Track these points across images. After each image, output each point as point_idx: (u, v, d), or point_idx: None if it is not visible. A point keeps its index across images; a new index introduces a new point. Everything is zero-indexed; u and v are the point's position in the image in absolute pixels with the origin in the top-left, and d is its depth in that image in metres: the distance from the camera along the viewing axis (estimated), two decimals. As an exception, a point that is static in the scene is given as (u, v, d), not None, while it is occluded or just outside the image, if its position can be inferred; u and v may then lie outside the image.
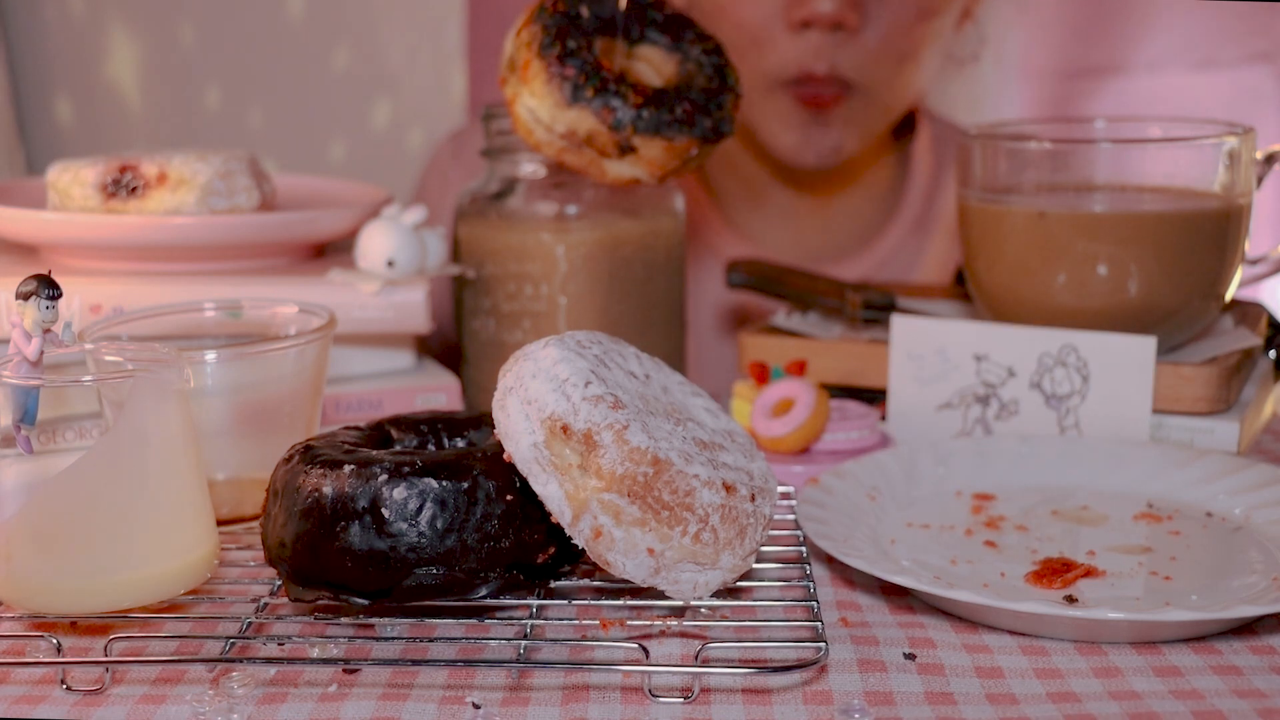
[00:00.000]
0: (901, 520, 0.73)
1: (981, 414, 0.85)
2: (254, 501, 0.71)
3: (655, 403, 0.62)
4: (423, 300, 0.86)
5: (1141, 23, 1.50)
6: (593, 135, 0.80)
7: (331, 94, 1.52)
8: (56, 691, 0.56)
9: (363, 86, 1.52)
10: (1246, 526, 0.71)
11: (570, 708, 0.55)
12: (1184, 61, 1.49)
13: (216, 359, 0.69)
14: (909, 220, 1.24)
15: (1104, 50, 1.50)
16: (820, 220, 1.25)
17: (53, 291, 0.58)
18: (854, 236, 1.25)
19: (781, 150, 1.13)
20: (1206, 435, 0.82)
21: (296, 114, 1.52)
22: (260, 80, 1.50)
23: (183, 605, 0.63)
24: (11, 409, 0.59)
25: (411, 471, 0.59)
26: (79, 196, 0.85)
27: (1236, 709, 0.54)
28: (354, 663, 0.56)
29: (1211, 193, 0.83)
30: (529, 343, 0.66)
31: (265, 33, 1.49)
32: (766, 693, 0.56)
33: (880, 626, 0.62)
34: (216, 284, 0.84)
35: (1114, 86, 1.51)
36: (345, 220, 0.89)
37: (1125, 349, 0.80)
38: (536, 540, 0.61)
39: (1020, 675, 0.57)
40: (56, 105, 1.46)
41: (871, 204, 1.26)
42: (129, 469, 0.59)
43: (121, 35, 1.46)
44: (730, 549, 0.58)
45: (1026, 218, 0.84)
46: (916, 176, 1.24)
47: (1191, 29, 1.49)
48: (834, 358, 0.92)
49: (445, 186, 1.27)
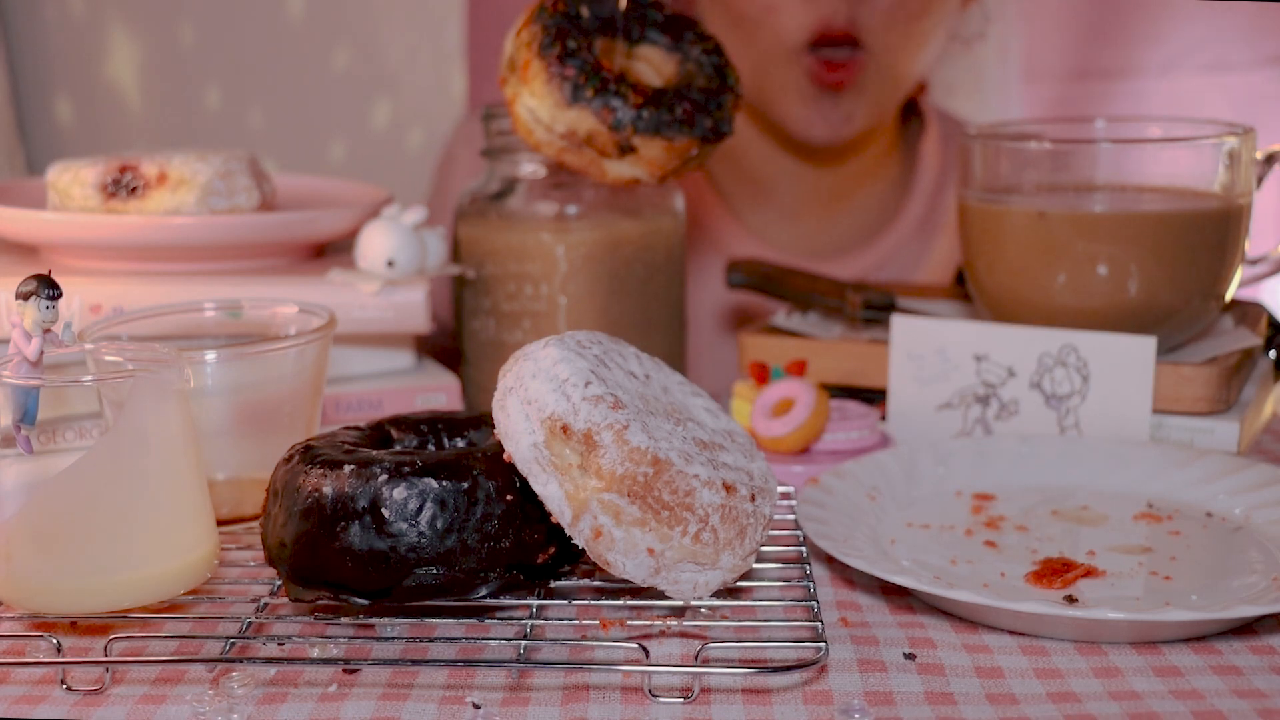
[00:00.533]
0: (901, 520, 0.73)
1: (981, 414, 0.85)
2: (254, 501, 0.71)
3: (655, 403, 0.62)
4: (423, 300, 0.86)
5: (1152, 25, 1.50)
6: (593, 135, 0.80)
7: (331, 94, 1.52)
8: (56, 691, 0.56)
9: (363, 86, 1.52)
10: (1246, 526, 0.71)
11: (570, 708, 0.55)
12: (1194, 64, 1.49)
13: (216, 359, 0.69)
14: (914, 218, 1.24)
15: (1114, 52, 1.50)
16: (826, 216, 1.25)
17: (53, 291, 0.58)
18: (859, 233, 1.25)
19: (793, 124, 1.13)
20: (1206, 435, 0.82)
21: (296, 114, 1.52)
22: (260, 80, 1.50)
23: (183, 605, 0.63)
24: (11, 409, 0.59)
25: (411, 471, 0.59)
26: (79, 196, 0.85)
27: (1236, 709, 0.54)
28: (354, 663, 0.56)
29: (1211, 193, 0.83)
30: (529, 343, 0.66)
31: (265, 33, 1.49)
32: (766, 693, 0.56)
33: (880, 626, 0.62)
34: (216, 284, 0.84)
35: (1124, 88, 1.51)
36: (345, 220, 0.89)
37: (1125, 349, 0.80)
38: (536, 540, 0.61)
39: (1020, 675, 0.57)
40: (56, 105, 1.46)
41: (878, 200, 1.26)
42: (129, 469, 0.59)
43: (121, 35, 1.46)
44: (730, 549, 0.58)
45: (1026, 218, 0.84)
46: (924, 173, 1.25)
47: (1202, 31, 1.49)
48: (834, 358, 0.92)
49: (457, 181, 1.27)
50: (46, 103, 1.45)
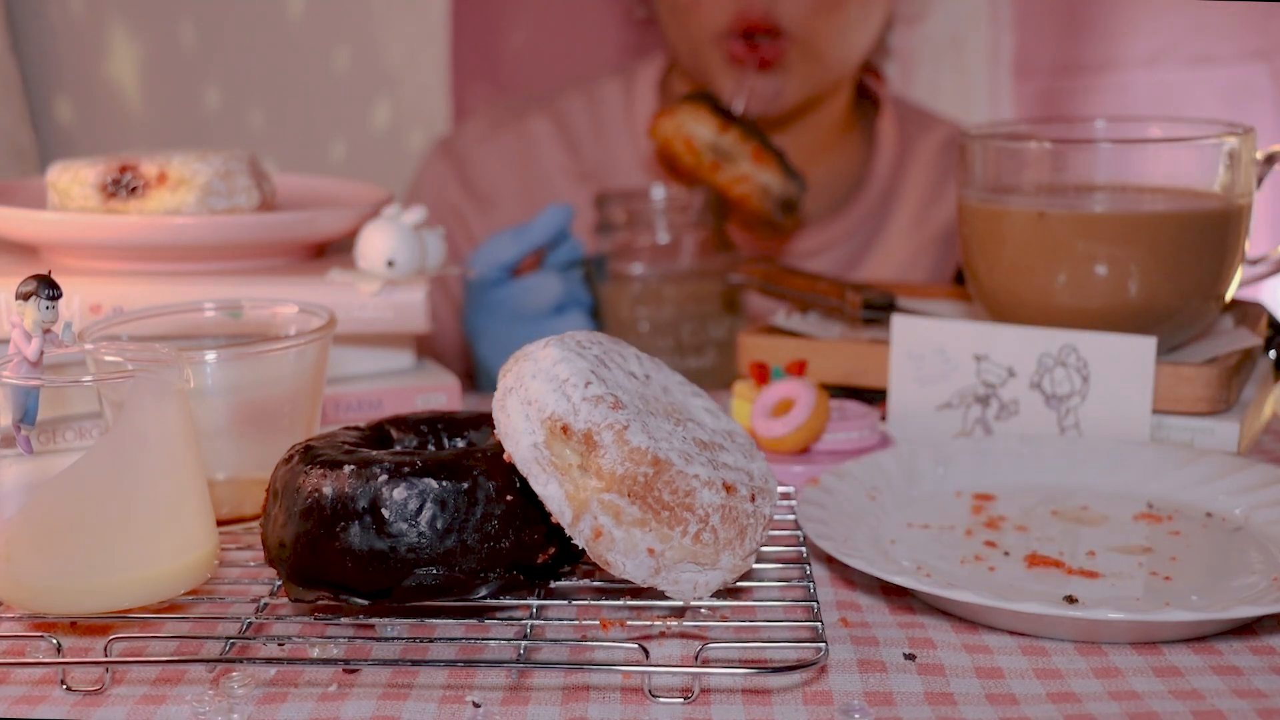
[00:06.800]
0: (901, 520, 0.72)
1: (981, 414, 0.85)
2: (254, 501, 0.71)
3: (655, 403, 0.62)
4: (423, 300, 0.86)
5: (1136, 19, 1.50)
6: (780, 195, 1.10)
7: (331, 94, 1.52)
8: (56, 691, 0.56)
9: (363, 86, 1.52)
10: (1246, 526, 0.71)
11: (570, 708, 0.55)
12: (1179, 58, 1.49)
13: (216, 359, 0.69)
14: (876, 192, 1.29)
15: (1099, 46, 1.51)
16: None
17: (53, 291, 0.58)
18: (824, 207, 1.29)
19: (727, 97, 1.17)
20: (1206, 435, 0.82)
21: (296, 114, 1.52)
22: (260, 80, 1.50)
23: (183, 605, 0.63)
24: (11, 409, 0.59)
25: (411, 471, 0.59)
26: (79, 196, 0.85)
27: (1236, 709, 0.54)
28: (354, 663, 0.56)
29: (1211, 193, 0.83)
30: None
31: (265, 33, 1.50)
32: (766, 693, 0.56)
33: (880, 627, 0.62)
34: (216, 284, 0.84)
35: (1109, 82, 1.51)
36: (345, 220, 0.89)
37: (1125, 349, 0.80)
38: (536, 540, 0.61)
39: (1020, 675, 0.57)
40: (56, 105, 1.46)
41: (839, 178, 1.30)
42: (129, 469, 0.59)
43: (121, 35, 1.46)
44: (730, 549, 0.58)
45: (1026, 218, 0.84)
46: (882, 152, 1.30)
47: (1187, 25, 1.49)
48: (834, 358, 0.92)
49: (439, 189, 1.29)
50: (46, 103, 1.45)
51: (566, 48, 1.54)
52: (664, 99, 1.30)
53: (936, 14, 1.50)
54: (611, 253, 1.10)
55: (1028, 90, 1.53)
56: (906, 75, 1.53)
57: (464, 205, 1.30)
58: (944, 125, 1.34)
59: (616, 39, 1.53)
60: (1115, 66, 1.51)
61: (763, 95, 1.17)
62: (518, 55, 1.53)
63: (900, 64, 1.52)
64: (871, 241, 1.28)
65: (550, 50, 1.54)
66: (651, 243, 1.10)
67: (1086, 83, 1.52)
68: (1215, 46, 1.49)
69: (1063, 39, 1.52)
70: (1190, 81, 1.49)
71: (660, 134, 1.11)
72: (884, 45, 1.41)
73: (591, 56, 1.52)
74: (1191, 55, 1.49)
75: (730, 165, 1.10)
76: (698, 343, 1.11)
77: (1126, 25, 1.50)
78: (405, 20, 1.51)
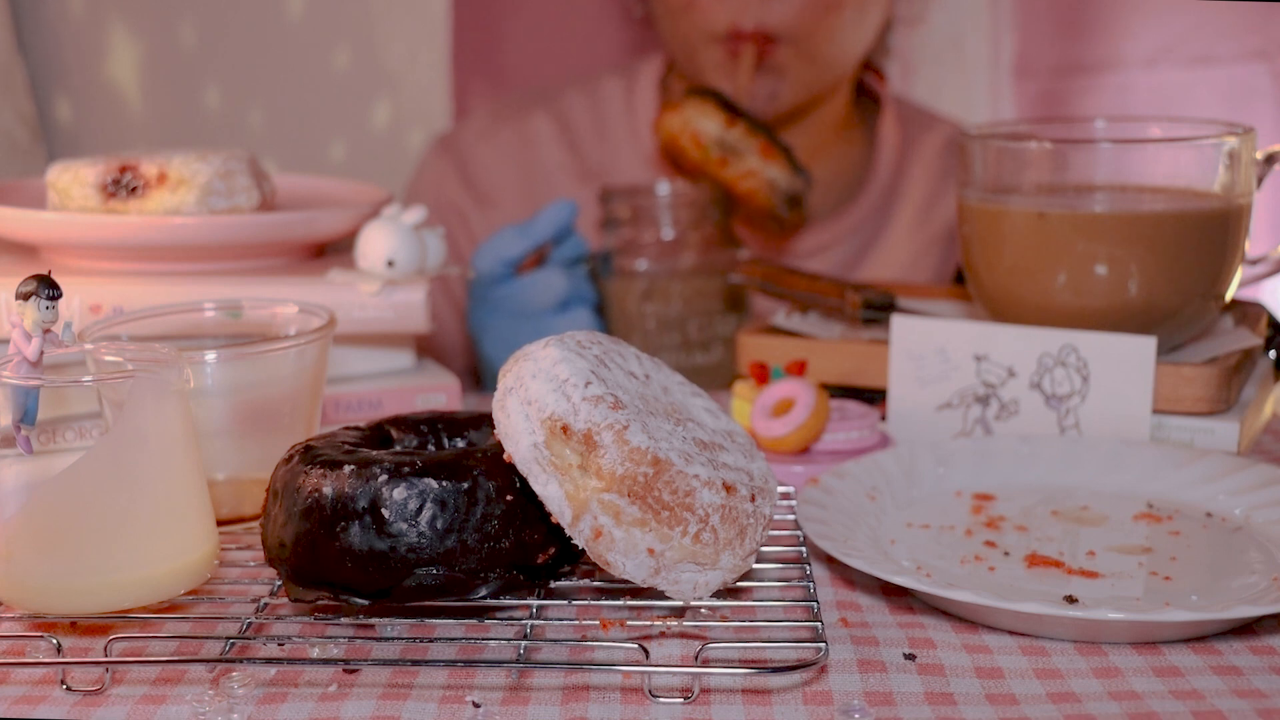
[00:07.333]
0: (901, 520, 0.72)
1: (981, 414, 0.85)
2: (254, 501, 0.71)
3: (655, 403, 0.62)
4: (423, 300, 0.86)
5: (1136, 19, 1.50)
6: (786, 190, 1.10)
7: (331, 94, 1.52)
8: (56, 691, 0.56)
9: (363, 86, 1.52)
10: (1246, 526, 0.71)
11: (570, 707, 0.55)
12: (1179, 58, 1.49)
13: (216, 359, 0.69)
14: (878, 190, 1.29)
15: (1099, 46, 1.51)
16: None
17: (53, 291, 0.58)
18: (827, 205, 1.29)
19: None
20: (1206, 435, 0.82)
21: (296, 114, 1.52)
22: (260, 80, 1.50)
23: (183, 605, 0.63)
24: (11, 409, 0.59)
25: (411, 471, 0.59)
26: (79, 196, 0.85)
27: (1236, 709, 0.54)
28: (354, 663, 0.56)
29: (1211, 193, 0.83)
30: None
31: (265, 33, 1.50)
32: (766, 693, 0.56)
33: (880, 626, 0.62)
34: (216, 284, 0.84)
35: (1109, 82, 1.51)
36: (345, 220, 0.89)
37: (1125, 349, 0.80)
38: (536, 540, 0.61)
39: (1020, 675, 0.57)
40: (56, 105, 1.46)
41: (841, 178, 1.30)
42: (129, 469, 0.59)
43: (121, 35, 1.46)
44: (730, 549, 0.58)
45: (1026, 218, 0.84)
46: (884, 151, 1.29)
47: (1187, 25, 1.50)
48: (834, 358, 0.92)
49: (438, 188, 1.29)
50: (46, 103, 1.45)
51: (566, 47, 1.54)
52: (665, 97, 1.30)
53: (937, 15, 1.50)
54: (616, 249, 1.10)
55: (1028, 90, 1.53)
56: (907, 75, 1.53)
57: (463, 202, 1.30)
58: (946, 125, 1.34)
59: (616, 38, 1.53)
60: (1115, 67, 1.51)
61: (757, 96, 1.17)
62: (518, 54, 1.53)
63: (901, 64, 1.52)
64: (873, 241, 1.28)
65: (550, 50, 1.54)
66: (656, 238, 1.09)
67: (1086, 83, 1.52)
68: (1215, 46, 1.49)
69: (1063, 39, 1.53)
70: (1190, 81, 1.49)
71: (666, 129, 1.11)
72: (884, 45, 1.41)
73: (591, 56, 1.52)
74: (1191, 55, 1.49)
75: (737, 160, 1.10)
76: (704, 338, 1.11)
77: (1126, 25, 1.50)
78: (405, 20, 1.51)
